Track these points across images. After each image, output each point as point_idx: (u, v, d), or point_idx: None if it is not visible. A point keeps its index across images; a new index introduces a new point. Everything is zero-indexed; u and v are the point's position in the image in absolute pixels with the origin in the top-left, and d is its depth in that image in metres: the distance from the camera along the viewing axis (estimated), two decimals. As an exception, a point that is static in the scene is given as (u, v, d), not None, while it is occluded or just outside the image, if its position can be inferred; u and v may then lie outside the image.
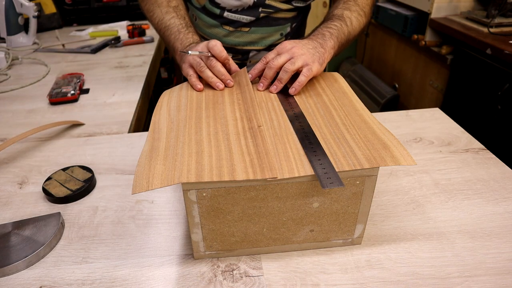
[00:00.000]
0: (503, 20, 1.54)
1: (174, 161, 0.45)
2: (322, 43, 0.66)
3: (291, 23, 0.89)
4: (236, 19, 0.85)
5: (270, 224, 0.48)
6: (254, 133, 0.50)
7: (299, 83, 0.61)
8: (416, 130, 0.79)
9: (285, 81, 0.62)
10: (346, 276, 0.48)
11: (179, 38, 0.73)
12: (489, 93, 1.48)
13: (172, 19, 0.76)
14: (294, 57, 0.62)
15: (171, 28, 0.75)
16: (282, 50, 0.64)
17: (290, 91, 0.60)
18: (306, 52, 0.63)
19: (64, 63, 1.26)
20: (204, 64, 0.65)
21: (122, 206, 0.61)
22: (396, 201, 0.60)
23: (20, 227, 0.55)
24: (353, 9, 0.76)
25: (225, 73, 0.64)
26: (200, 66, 0.64)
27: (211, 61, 0.64)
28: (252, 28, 0.86)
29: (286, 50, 0.63)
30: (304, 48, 0.63)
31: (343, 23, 0.72)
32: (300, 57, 0.62)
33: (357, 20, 0.75)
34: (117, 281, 0.49)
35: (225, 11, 0.84)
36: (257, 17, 0.84)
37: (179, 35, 0.73)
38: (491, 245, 0.52)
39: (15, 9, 1.36)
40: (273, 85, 0.62)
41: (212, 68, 0.64)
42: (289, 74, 0.61)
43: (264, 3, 0.83)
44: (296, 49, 0.63)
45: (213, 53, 0.64)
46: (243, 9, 0.83)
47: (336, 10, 0.76)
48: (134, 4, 1.71)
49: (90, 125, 0.86)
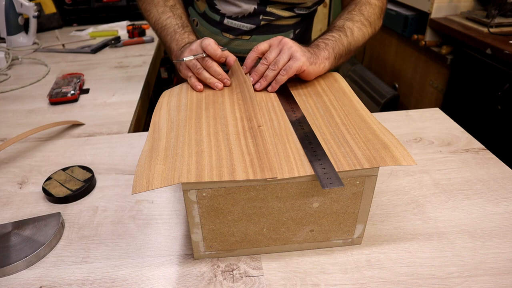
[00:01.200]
0: (503, 20, 1.54)
1: (174, 161, 0.45)
2: (316, 51, 0.65)
3: (294, 29, 0.87)
4: (236, 27, 0.83)
5: (270, 224, 0.48)
6: (254, 133, 0.50)
7: (276, 82, 0.61)
8: (416, 130, 0.79)
9: (270, 79, 0.62)
10: (346, 276, 0.48)
11: (175, 39, 0.72)
12: (489, 93, 1.48)
13: (168, 19, 0.75)
14: (282, 49, 0.62)
15: (167, 28, 0.75)
16: (274, 41, 0.64)
17: (268, 89, 0.62)
18: (296, 46, 0.62)
19: (64, 63, 1.26)
20: (200, 65, 0.64)
21: (122, 206, 0.61)
22: (396, 201, 0.60)
23: (20, 227, 0.55)
24: (356, 19, 0.74)
25: (221, 72, 0.63)
26: (197, 68, 0.64)
27: (206, 62, 0.63)
28: (253, 36, 0.85)
29: (278, 41, 0.63)
30: (295, 43, 0.63)
31: (343, 34, 0.70)
32: (288, 49, 0.61)
33: (360, 30, 0.73)
34: (117, 281, 0.49)
35: (225, 17, 0.83)
36: (258, 25, 0.83)
37: (175, 35, 0.72)
38: (491, 245, 0.52)
39: (15, 9, 1.36)
40: (258, 83, 0.62)
41: (208, 69, 0.63)
42: (275, 72, 0.61)
43: (265, 10, 0.81)
44: (287, 40, 0.62)
45: (207, 53, 0.63)
46: (243, 16, 0.82)
47: (338, 21, 0.74)
48: (134, 4, 1.71)
49: (90, 125, 0.86)
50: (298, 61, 0.60)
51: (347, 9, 0.78)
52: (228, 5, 0.81)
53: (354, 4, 0.78)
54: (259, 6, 0.80)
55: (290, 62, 0.61)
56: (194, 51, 0.64)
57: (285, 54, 0.61)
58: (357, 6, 0.76)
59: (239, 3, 0.80)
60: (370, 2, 0.78)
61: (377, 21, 0.77)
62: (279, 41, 0.63)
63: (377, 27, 0.78)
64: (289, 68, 0.60)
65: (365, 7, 0.76)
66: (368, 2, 0.77)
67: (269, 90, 0.62)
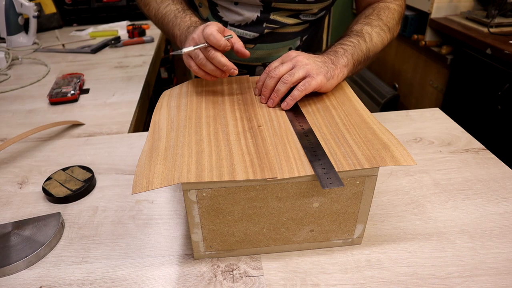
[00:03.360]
0: (503, 20, 1.54)
1: (174, 161, 0.45)
2: (333, 59, 0.61)
3: (301, 36, 0.83)
4: (240, 35, 0.79)
5: (270, 224, 0.48)
6: (254, 133, 0.50)
7: (291, 97, 0.56)
8: (416, 130, 0.79)
9: (282, 94, 0.57)
10: (346, 276, 0.48)
11: (177, 24, 0.68)
12: (489, 93, 1.48)
13: (168, 7, 0.73)
14: (296, 66, 0.57)
15: (167, 15, 0.71)
16: (286, 58, 0.60)
17: (282, 106, 0.56)
18: (311, 63, 0.58)
19: (64, 63, 1.26)
20: (203, 56, 0.58)
21: (122, 206, 0.61)
22: (396, 201, 0.60)
23: (20, 227, 0.55)
24: (375, 24, 0.70)
25: (226, 62, 0.57)
26: (199, 59, 0.58)
27: (209, 52, 0.57)
28: (257, 45, 0.81)
29: (290, 58, 0.59)
30: (310, 59, 0.59)
31: (361, 39, 0.66)
32: (303, 66, 0.57)
33: (379, 36, 0.69)
34: (117, 281, 0.49)
35: (227, 25, 0.80)
36: (262, 33, 0.79)
37: (176, 20, 0.69)
38: (491, 245, 0.52)
39: (15, 9, 1.36)
40: (269, 99, 0.58)
41: (212, 60, 0.58)
42: (287, 86, 0.56)
43: (268, 18, 0.77)
44: (301, 58, 0.58)
45: (210, 43, 0.57)
46: (246, 24, 0.79)
47: (356, 25, 0.70)
48: (134, 4, 1.71)
49: (90, 125, 0.86)
50: (315, 80, 0.56)
51: (364, 13, 0.74)
52: (230, 13, 0.79)
53: (372, 8, 0.74)
54: (262, 14, 0.77)
55: (308, 79, 0.56)
56: (196, 40, 0.59)
57: (300, 70, 0.57)
58: (375, 11, 0.73)
59: (240, 11, 0.77)
60: (388, 7, 0.74)
61: (395, 26, 0.74)
62: (291, 57, 0.59)
63: (395, 33, 0.74)
64: (308, 85, 0.56)
65: (383, 12, 0.73)
66: (387, 7, 0.74)
67: (283, 107, 0.57)
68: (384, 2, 0.76)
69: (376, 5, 0.75)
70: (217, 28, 0.57)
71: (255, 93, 0.61)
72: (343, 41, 0.66)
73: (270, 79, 0.58)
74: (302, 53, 0.60)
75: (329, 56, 0.62)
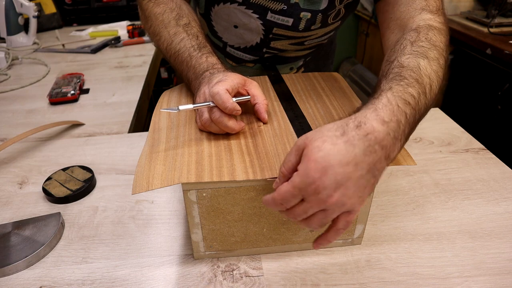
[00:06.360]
0: (503, 20, 1.54)
1: (174, 161, 0.45)
2: (386, 145, 0.37)
3: (304, 58, 0.79)
4: (239, 57, 0.77)
5: (270, 224, 0.48)
6: (254, 133, 0.50)
7: (327, 241, 0.41)
8: (416, 130, 0.78)
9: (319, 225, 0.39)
10: (346, 276, 0.48)
11: (192, 66, 0.58)
12: (489, 93, 1.48)
13: (182, 42, 0.60)
14: (327, 206, 0.36)
15: (181, 53, 0.59)
16: (306, 179, 0.35)
17: (314, 246, 0.42)
18: (348, 183, 0.35)
19: (64, 63, 1.26)
20: (208, 117, 0.49)
21: (122, 206, 0.61)
22: (396, 201, 0.60)
23: (20, 227, 0.55)
24: (431, 55, 0.47)
25: (235, 127, 0.49)
26: (203, 118, 0.50)
27: (213, 114, 0.48)
28: (257, 65, 0.78)
29: (311, 182, 0.35)
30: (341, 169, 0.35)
31: (421, 89, 0.43)
32: (338, 209, 0.37)
33: (437, 78, 0.46)
34: (117, 281, 0.49)
35: (227, 46, 0.77)
36: (261, 57, 0.76)
37: (191, 61, 0.58)
38: (491, 245, 0.52)
39: (15, 9, 1.36)
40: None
41: (217, 124, 0.48)
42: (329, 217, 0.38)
43: (269, 46, 0.73)
44: (327, 182, 0.35)
45: (216, 104, 0.48)
46: (246, 48, 0.75)
47: (405, 57, 0.47)
48: (134, 4, 1.71)
49: (90, 125, 0.86)
50: (355, 214, 0.39)
51: (405, 37, 0.51)
52: (230, 34, 0.75)
53: (413, 30, 0.52)
54: (262, 41, 0.72)
55: (348, 220, 0.39)
56: (206, 95, 0.51)
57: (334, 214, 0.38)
58: (420, 34, 0.50)
59: (241, 34, 0.73)
60: (432, 25, 0.53)
61: (448, 57, 0.51)
62: (313, 181, 0.35)
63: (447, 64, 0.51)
64: (348, 225, 0.39)
65: (432, 33, 0.51)
66: (431, 26, 0.52)
67: (314, 247, 0.42)
68: (423, 19, 0.54)
69: (416, 26, 0.53)
70: (228, 87, 0.48)
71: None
72: (402, 95, 0.41)
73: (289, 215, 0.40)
74: (324, 158, 0.35)
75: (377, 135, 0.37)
